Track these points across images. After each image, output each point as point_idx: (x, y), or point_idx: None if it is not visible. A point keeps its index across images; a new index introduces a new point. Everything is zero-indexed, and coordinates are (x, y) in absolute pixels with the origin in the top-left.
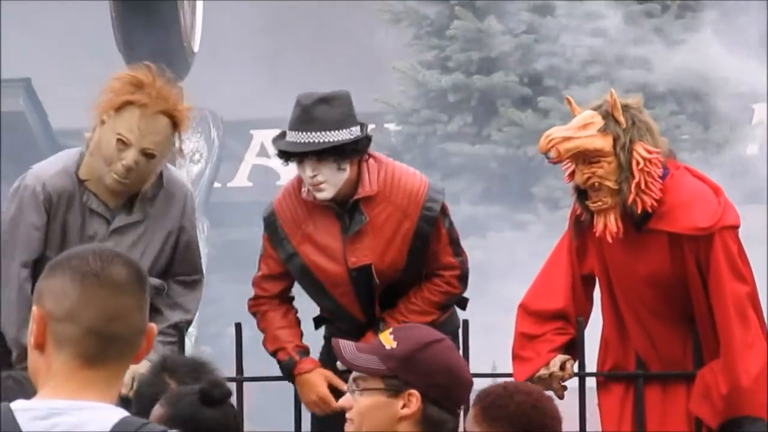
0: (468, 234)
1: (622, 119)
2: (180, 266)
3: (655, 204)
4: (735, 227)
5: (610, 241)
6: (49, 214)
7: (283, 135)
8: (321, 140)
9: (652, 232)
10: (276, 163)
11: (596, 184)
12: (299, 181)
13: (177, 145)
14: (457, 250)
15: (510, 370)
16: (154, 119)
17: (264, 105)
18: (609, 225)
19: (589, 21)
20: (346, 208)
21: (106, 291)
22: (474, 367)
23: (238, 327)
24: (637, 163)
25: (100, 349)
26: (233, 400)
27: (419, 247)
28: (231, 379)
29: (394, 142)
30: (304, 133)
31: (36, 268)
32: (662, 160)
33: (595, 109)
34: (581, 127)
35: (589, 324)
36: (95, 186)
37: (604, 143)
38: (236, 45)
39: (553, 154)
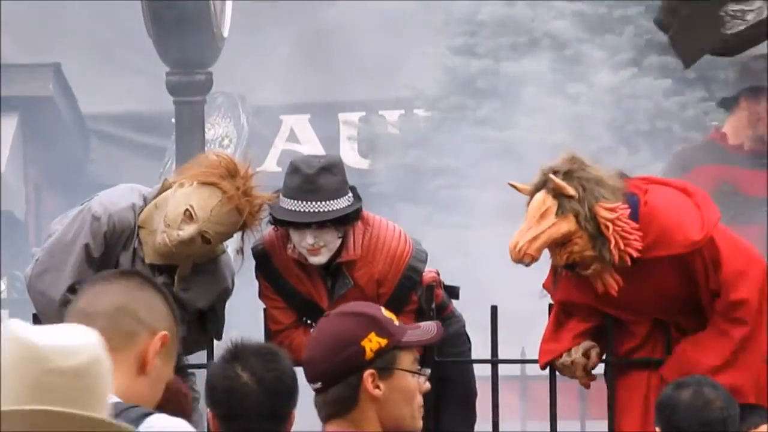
0: (498, 221)
1: (573, 192)
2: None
3: (640, 246)
4: (718, 218)
5: (615, 294)
6: (107, 248)
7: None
8: (326, 209)
9: (650, 260)
10: (306, 148)
11: (577, 258)
12: (281, 237)
13: (238, 246)
14: (420, 320)
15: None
16: (229, 212)
17: (294, 90)
18: (608, 282)
19: (619, 7)
20: (329, 270)
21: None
22: (503, 353)
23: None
24: (606, 228)
25: None
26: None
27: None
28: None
29: (422, 128)
30: (309, 202)
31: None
32: (627, 209)
33: (540, 188)
34: (540, 219)
35: None
36: (145, 236)
37: (569, 225)
38: (266, 30)
39: (527, 260)
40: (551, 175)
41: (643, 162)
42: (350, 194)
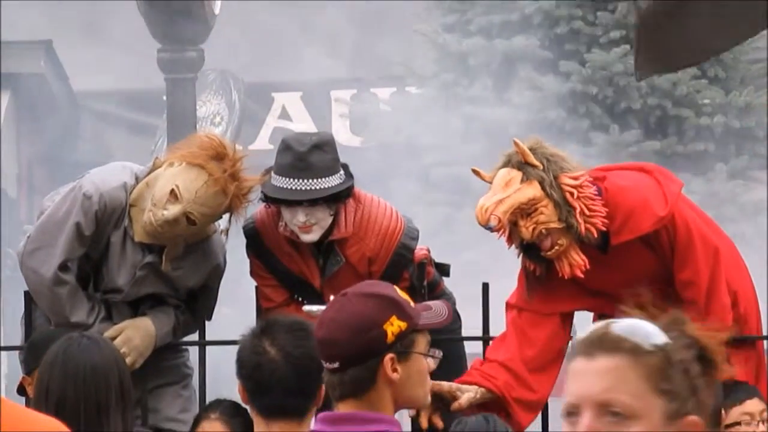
0: None
1: (536, 162)
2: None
3: (606, 221)
4: (680, 189)
5: (581, 275)
6: (98, 226)
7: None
8: (318, 187)
9: (621, 245)
10: (298, 126)
11: (543, 231)
12: (272, 215)
13: (224, 226)
14: (415, 298)
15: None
16: (214, 194)
17: (286, 68)
18: (574, 261)
19: None
20: (321, 248)
21: None
22: (494, 330)
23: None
24: (571, 194)
25: None
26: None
27: None
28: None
29: (414, 106)
30: (301, 180)
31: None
32: (590, 179)
33: (505, 166)
34: (505, 187)
35: None
36: (136, 214)
37: (534, 190)
38: (258, 7)
39: (493, 222)
40: (515, 140)
41: (635, 139)
42: (342, 172)
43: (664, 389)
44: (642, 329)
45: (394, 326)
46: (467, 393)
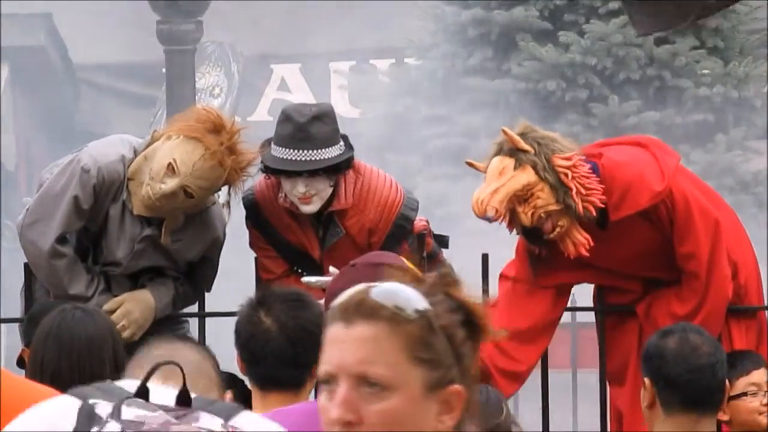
0: None
1: (527, 147)
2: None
3: (603, 198)
4: (677, 161)
5: (585, 254)
6: (96, 200)
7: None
8: (318, 158)
9: (620, 221)
10: (297, 97)
11: (542, 215)
12: (272, 186)
13: (225, 199)
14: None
15: None
16: (211, 167)
17: (285, 39)
18: (577, 240)
19: None
20: (320, 219)
21: None
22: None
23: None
24: (566, 175)
25: None
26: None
27: None
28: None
29: (413, 77)
30: (301, 151)
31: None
32: (583, 157)
33: (497, 154)
34: (499, 175)
35: None
36: (134, 187)
37: (528, 176)
38: None
39: (490, 213)
40: (504, 128)
41: (634, 110)
42: (342, 143)
43: (424, 358)
44: (401, 294)
45: None
46: None
